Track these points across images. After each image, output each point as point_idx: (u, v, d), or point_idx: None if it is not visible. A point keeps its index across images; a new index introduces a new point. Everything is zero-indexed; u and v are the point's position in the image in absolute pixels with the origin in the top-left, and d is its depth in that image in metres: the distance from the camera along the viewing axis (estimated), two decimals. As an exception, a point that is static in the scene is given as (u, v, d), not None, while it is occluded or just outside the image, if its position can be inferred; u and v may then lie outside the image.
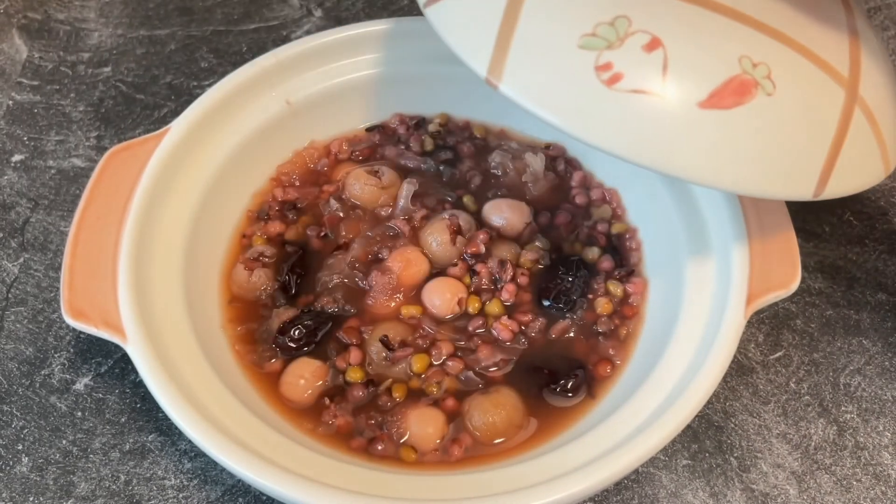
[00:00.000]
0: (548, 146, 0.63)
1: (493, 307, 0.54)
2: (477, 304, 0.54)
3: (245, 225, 0.59)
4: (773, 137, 0.43)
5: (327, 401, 0.50)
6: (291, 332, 0.52)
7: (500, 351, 0.52)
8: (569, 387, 0.50)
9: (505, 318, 0.53)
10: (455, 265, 0.55)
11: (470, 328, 0.53)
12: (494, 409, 0.49)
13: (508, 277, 0.55)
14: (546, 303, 0.54)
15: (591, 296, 0.55)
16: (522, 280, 0.55)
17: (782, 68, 0.43)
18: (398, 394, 0.50)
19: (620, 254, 0.57)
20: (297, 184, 0.61)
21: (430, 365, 0.52)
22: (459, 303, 0.54)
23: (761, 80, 0.42)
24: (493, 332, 0.53)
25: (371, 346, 0.52)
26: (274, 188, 0.60)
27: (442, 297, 0.53)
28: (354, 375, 0.51)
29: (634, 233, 0.58)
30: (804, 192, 0.44)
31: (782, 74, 0.43)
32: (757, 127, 0.42)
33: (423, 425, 0.49)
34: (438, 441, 0.49)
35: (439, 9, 0.47)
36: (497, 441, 0.49)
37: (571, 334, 0.53)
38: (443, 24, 0.46)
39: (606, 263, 0.56)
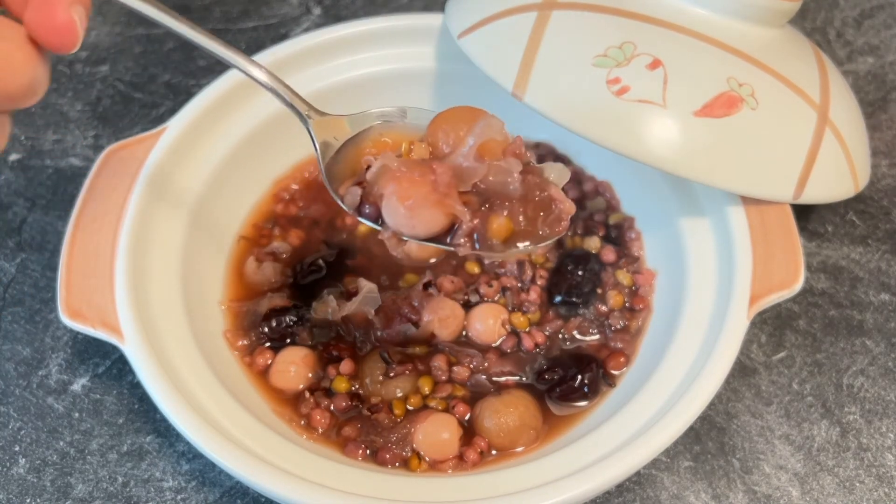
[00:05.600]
0: (537, 145, 0.62)
1: (519, 321, 0.53)
2: (522, 319, 0.53)
3: (256, 218, 0.59)
4: (756, 144, 0.49)
5: (308, 393, 0.50)
6: (271, 322, 0.52)
7: (509, 362, 0.52)
8: (585, 381, 0.50)
9: (533, 328, 0.53)
10: (490, 286, 0.54)
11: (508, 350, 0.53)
12: (506, 410, 0.48)
13: (530, 278, 0.55)
14: (558, 298, 0.54)
15: (599, 290, 0.55)
16: (541, 280, 0.55)
17: (764, 89, 0.50)
18: (398, 411, 0.50)
19: (622, 243, 0.57)
20: (301, 204, 0.60)
21: (436, 382, 0.51)
22: (503, 324, 0.53)
23: (746, 97, 0.49)
24: (522, 344, 0.53)
25: (367, 364, 0.52)
26: (275, 204, 0.60)
27: (484, 322, 0.53)
28: (340, 386, 0.51)
29: (633, 221, 0.58)
30: (785, 194, 0.50)
31: (764, 94, 0.50)
32: (743, 134, 0.49)
33: (435, 435, 0.48)
34: (452, 456, 0.48)
35: (471, 38, 0.54)
36: (517, 449, 0.48)
37: (585, 329, 0.53)
38: (474, 50, 0.53)
39: (610, 254, 0.56)
